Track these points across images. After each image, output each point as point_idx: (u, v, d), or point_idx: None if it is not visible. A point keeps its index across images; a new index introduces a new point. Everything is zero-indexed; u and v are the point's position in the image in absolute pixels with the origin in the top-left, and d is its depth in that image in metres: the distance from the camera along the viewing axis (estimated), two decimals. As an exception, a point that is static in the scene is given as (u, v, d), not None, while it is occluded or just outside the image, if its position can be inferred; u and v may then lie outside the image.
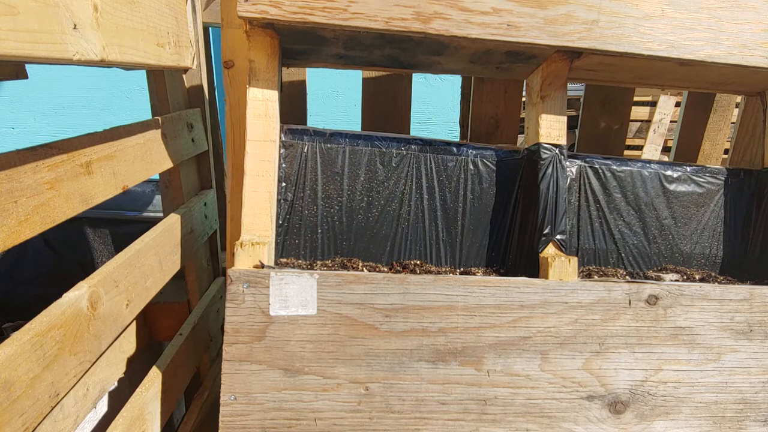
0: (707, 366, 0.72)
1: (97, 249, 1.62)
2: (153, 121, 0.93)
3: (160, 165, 0.96)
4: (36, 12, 0.50)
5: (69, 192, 0.66)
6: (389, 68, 1.09)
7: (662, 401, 0.71)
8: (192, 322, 1.14)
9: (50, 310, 0.63)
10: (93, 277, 0.72)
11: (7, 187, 0.54)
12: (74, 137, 0.69)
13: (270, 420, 0.65)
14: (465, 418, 0.68)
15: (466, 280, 0.68)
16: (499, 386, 0.69)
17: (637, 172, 0.90)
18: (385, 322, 0.66)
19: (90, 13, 0.61)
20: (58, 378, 0.62)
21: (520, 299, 0.68)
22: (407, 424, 0.67)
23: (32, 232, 0.58)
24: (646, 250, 0.91)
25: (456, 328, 0.68)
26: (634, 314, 0.70)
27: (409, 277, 0.67)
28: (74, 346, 0.65)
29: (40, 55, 0.51)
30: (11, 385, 0.53)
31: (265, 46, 0.70)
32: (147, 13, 0.79)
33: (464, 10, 0.66)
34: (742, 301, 0.72)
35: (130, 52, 0.73)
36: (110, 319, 0.75)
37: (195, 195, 1.19)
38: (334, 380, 0.66)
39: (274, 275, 0.64)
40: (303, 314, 0.65)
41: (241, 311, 0.64)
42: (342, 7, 0.63)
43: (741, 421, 0.73)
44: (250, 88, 0.70)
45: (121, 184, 0.80)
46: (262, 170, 0.69)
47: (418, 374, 0.67)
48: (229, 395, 0.64)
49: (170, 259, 0.99)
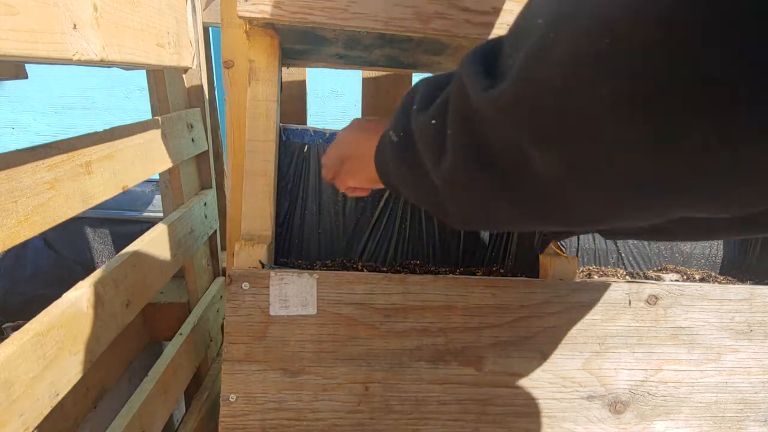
0: (707, 366, 0.72)
1: (97, 249, 1.62)
2: (153, 121, 0.93)
3: (160, 165, 0.96)
4: (36, 12, 0.50)
5: (69, 192, 0.66)
6: (389, 68, 1.09)
7: (662, 401, 0.71)
8: (192, 322, 1.14)
9: (50, 310, 0.63)
10: (93, 277, 0.72)
11: (7, 187, 0.54)
12: (74, 137, 0.69)
13: (270, 420, 0.65)
14: (465, 418, 0.68)
15: (466, 280, 0.68)
16: (499, 386, 0.69)
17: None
18: (385, 322, 0.66)
19: (90, 13, 0.61)
20: (58, 378, 0.62)
21: (520, 299, 0.68)
22: (407, 424, 0.67)
23: (32, 232, 0.58)
24: (646, 250, 0.91)
25: (456, 328, 0.68)
26: (634, 314, 0.70)
27: (409, 277, 0.67)
28: (74, 346, 0.65)
29: (40, 55, 0.51)
30: (11, 385, 0.53)
31: (265, 46, 0.70)
32: (147, 13, 0.79)
33: (465, 10, 0.66)
34: (742, 301, 0.72)
35: (130, 51, 0.73)
36: (110, 319, 0.75)
37: (195, 195, 1.19)
38: (333, 380, 0.66)
39: (274, 275, 0.64)
40: (303, 314, 0.65)
41: (241, 311, 0.64)
42: (342, 7, 0.63)
43: (741, 421, 0.73)
44: (250, 88, 0.70)
45: (121, 184, 0.80)
46: (262, 170, 0.69)
47: (418, 374, 0.67)
48: (229, 395, 0.64)
49: (170, 259, 0.99)
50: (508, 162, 0.31)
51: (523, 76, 0.27)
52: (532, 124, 0.28)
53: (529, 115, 0.28)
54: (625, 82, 0.23)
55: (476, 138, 0.32)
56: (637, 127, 0.24)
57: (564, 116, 0.26)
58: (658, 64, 0.21)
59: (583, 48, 0.24)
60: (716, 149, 0.22)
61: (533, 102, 0.27)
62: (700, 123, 0.22)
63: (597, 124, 0.25)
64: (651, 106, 0.23)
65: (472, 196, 0.36)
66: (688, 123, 0.22)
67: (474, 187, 0.35)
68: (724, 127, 0.22)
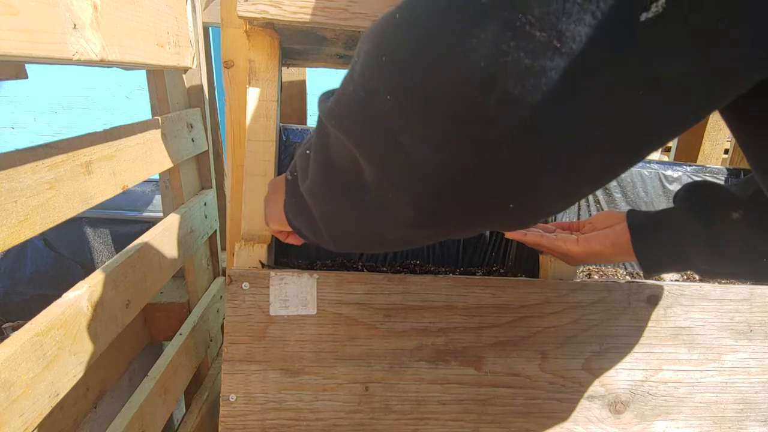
0: (707, 366, 0.72)
1: (97, 249, 1.62)
2: (153, 121, 0.93)
3: (160, 165, 0.96)
4: (36, 12, 0.50)
5: (69, 192, 0.66)
6: (389, 68, 1.08)
7: (662, 401, 0.71)
8: (192, 322, 1.14)
9: (50, 310, 0.63)
10: (93, 277, 0.72)
11: (7, 187, 0.54)
12: (74, 137, 0.69)
13: (270, 420, 0.65)
14: (465, 418, 0.68)
15: (466, 280, 0.68)
16: (499, 386, 0.69)
17: (636, 172, 0.90)
18: (385, 321, 0.66)
19: (90, 13, 0.61)
20: (58, 378, 0.62)
21: (520, 299, 0.68)
22: (407, 424, 0.67)
23: (32, 232, 0.58)
24: (646, 250, 0.91)
25: (456, 328, 0.68)
26: (634, 314, 0.70)
27: (409, 276, 0.67)
28: (74, 346, 0.65)
29: (40, 55, 0.51)
30: (11, 385, 0.53)
31: (265, 46, 0.70)
32: (147, 13, 0.79)
33: (464, 10, 0.66)
34: (742, 301, 0.72)
35: (130, 52, 0.73)
36: (110, 319, 0.75)
37: (195, 195, 1.19)
38: (333, 380, 0.66)
39: (274, 275, 0.64)
40: (303, 314, 0.65)
41: (241, 311, 0.64)
42: (342, 6, 0.63)
43: (741, 421, 0.73)
44: (250, 88, 0.70)
45: (121, 184, 0.80)
46: (262, 170, 0.69)
47: (418, 374, 0.67)
48: (229, 395, 0.64)
49: (170, 259, 0.99)
50: (348, 170, 0.35)
51: (338, 93, 0.33)
52: (349, 130, 0.32)
53: (346, 120, 0.32)
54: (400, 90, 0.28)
55: (325, 153, 0.37)
56: (417, 124, 0.28)
57: (365, 121, 0.31)
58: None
59: (370, 63, 0.29)
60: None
61: (346, 110, 0.32)
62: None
63: (385, 123, 0.29)
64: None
65: (325, 205, 0.40)
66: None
67: (326, 195, 0.39)
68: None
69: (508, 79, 0.24)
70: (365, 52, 0.30)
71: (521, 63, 0.24)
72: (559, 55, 0.23)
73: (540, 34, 0.23)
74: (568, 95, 0.24)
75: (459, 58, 0.25)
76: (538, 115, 0.25)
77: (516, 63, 0.24)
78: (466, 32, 0.24)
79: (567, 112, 0.25)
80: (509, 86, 0.24)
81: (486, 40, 0.24)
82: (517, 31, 0.23)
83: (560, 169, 0.27)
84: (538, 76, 0.24)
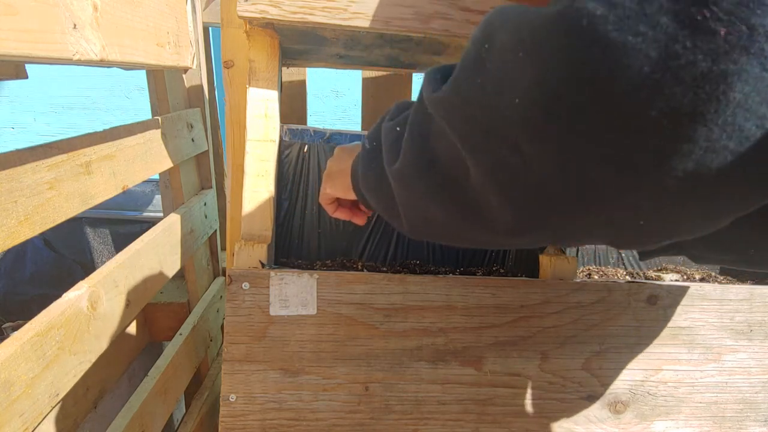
0: (707, 366, 0.72)
1: (97, 249, 1.62)
2: (153, 121, 0.93)
3: (160, 165, 0.96)
4: (36, 12, 0.50)
5: (69, 192, 0.66)
6: (389, 68, 1.09)
7: (662, 401, 0.71)
8: (192, 322, 1.14)
9: (50, 310, 0.63)
10: (93, 277, 0.72)
11: (7, 187, 0.54)
12: (74, 137, 0.69)
13: (270, 420, 0.65)
14: (465, 418, 0.68)
15: (466, 280, 0.68)
16: (499, 386, 0.69)
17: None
18: (385, 321, 0.66)
19: (90, 13, 0.61)
20: (58, 378, 0.62)
21: (520, 299, 0.68)
22: (407, 424, 0.67)
23: (32, 232, 0.58)
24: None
25: (456, 328, 0.68)
26: (634, 314, 0.70)
27: (409, 276, 0.67)
28: (74, 346, 0.65)
29: (40, 55, 0.51)
30: (11, 385, 0.53)
31: (265, 46, 0.70)
32: (147, 13, 0.79)
33: (465, 10, 0.66)
34: (742, 301, 0.72)
35: (130, 52, 0.73)
36: (110, 319, 0.75)
37: (195, 195, 1.19)
38: (333, 380, 0.66)
39: (274, 275, 0.64)
40: (303, 314, 0.65)
41: (241, 311, 0.64)
42: (342, 6, 0.63)
43: (741, 421, 0.73)
44: (250, 88, 0.70)
45: (121, 184, 0.80)
46: (262, 170, 0.69)
47: (417, 374, 0.67)
48: (229, 395, 0.64)
49: (170, 259, 0.99)
50: (450, 166, 0.33)
51: (456, 83, 0.30)
52: (463, 131, 0.29)
53: (461, 121, 0.29)
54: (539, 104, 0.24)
55: (425, 141, 0.34)
56: (546, 144, 0.25)
57: (488, 128, 0.28)
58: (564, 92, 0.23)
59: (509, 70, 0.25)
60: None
61: (465, 110, 0.29)
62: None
63: (507, 127, 0.26)
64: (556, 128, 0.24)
65: (413, 195, 0.38)
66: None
67: (416, 186, 0.36)
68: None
69: (676, 87, 0.20)
70: (501, 42, 0.25)
71: (696, 68, 0.20)
72: (747, 55, 0.19)
73: (726, 30, 0.19)
74: (753, 106, 0.20)
75: (616, 60, 0.20)
76: (710, 132, 0.20)
77: (690, 68, 0.20)
78: (630, 29, 0.20)
79: (746, 129, 0.20)
80: (677, 96, 0.20)
81: (655, 40, 0.20)
82: (697, 28, 0.19)
83: (709, 196, 0.23)
84: (715, 83, 0.20)
